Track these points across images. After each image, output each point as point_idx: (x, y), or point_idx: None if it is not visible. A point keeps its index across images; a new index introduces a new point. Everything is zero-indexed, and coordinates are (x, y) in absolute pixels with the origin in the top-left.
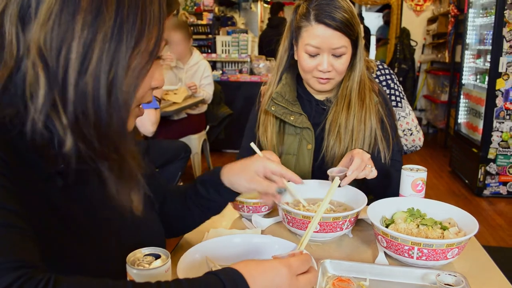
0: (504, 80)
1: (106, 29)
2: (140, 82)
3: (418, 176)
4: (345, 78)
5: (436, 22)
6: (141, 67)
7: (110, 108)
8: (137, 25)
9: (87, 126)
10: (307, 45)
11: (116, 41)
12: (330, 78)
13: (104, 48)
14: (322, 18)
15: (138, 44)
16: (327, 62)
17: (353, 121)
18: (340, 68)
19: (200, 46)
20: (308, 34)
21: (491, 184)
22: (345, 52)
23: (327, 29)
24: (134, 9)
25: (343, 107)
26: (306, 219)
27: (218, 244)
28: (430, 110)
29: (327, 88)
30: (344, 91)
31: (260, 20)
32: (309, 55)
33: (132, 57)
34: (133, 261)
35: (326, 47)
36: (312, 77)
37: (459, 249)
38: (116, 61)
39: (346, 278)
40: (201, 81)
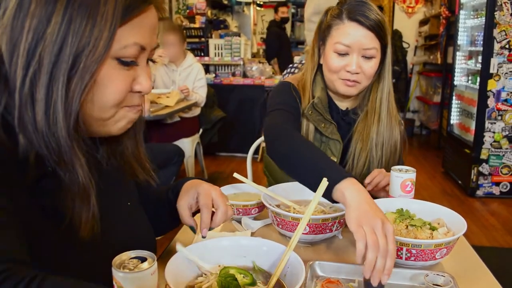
0: (495, 81)
1: (51, 31)
2: (85, 86)
3: (407, 177)
4: (373, 89)
5: (428, 24)
6: (86, 71)
7: (52, 114)
8: (84, 27)
9: (33, 131)
10: (336, 44)
11: (60, 43)
12: (357, 81)
13: (47, 51)
14: (355, 15)
15: (83, 47)
16: (356, 62)
17: (383, 135)
18: (369, 72)
19: (193, 49)
20: (338, 32)
21: (484, 185)
22: (375, 56)
23: (360, 27)
24: (84, 9)
25: (374, 120)
26: (295, 221)
27: (207, 246)
28: (423, 112)
29: (353, 92)
30: (373, 104)
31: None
32: (337, 54)
33: (77, 60)
34: (119, 264)
35: (357, 46)
36: (338, 79)
37: (447, 249)
38: (58, 65)
39: (335, 279)
40: (195, 84)
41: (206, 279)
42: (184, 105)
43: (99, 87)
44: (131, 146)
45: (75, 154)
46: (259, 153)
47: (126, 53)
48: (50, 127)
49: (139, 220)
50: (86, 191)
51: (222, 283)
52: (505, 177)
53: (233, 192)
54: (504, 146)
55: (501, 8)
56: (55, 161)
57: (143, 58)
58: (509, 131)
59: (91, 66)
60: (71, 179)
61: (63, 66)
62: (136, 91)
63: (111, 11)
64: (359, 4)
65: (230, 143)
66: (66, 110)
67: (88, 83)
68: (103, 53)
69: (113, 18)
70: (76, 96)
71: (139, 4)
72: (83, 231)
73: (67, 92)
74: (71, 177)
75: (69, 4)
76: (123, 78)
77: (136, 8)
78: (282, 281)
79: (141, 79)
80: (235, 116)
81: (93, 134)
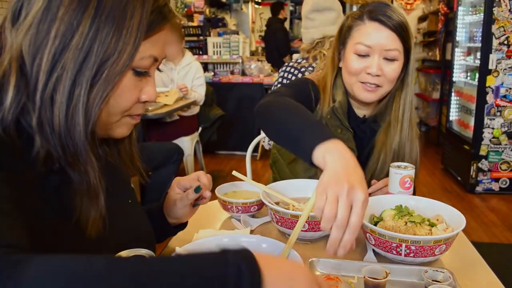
0: (494, 77)
1: (78, 39)
2: (107, 95)
3: (406, 173)
4: (396, 97)
5: (427, 21)
6: (109, 80)
7: (71, 118)
8: (110, 38)
9: (50, 133)
10: (357, 44)
11: (86, 52)
12: (379, 84)
13: (72, 58)
14: (376, 15)
15: (108, 57)
16: (377, 64)
17: (404, 147)
18: (390, 74)
19: (191, 47)
20: (360, 33)
21: (483, 181)
22: (398, 58)
23: (381, 27)
24: (111, 21)
25: (397, 131)
26: (294, 218)
27: (207, 244)
28: (422, 108)
29: (373, 99)
30: (396, 113)
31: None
32: (358, 56)
33: (101, 69)
34: None
35: (378, 47)
36: (358, 82)
37: (446, 245)
38: (82, 72)
39: (335, 276)
40: (193, 82)
41: None
42: (183, 104)
43: (115, 96)
44: (128, 145)
45: (89, 157)
46: (259, 151)
47: (141, 64)
48: (69, 130)
49: (140, 217)
50: (95, 191)
51: None
52: (504, 173)
53: (232, 190)
54: (503, 142)
55: (499, 4)
56: (69, 162)
57: (153, 69)
58: (508, 127)
59: (113, 76)
60: (81, 179)
61: (87, 73)
62: (142, 101)
63: (136, 26)
64: (381, 5)
65: (229, 141)
66: (86, 115)
67: (109, 92)
68: (126, 65)
69: (138, 32)
70: (97, 103)
71: (160, 22)
72: (91, 230)
73: (88, 98)
74: (82, 177)
75: (97, 15)
76: (135, 88)
77: (158, 24)
78: None
79: (149, 88)
80: (234, 114)
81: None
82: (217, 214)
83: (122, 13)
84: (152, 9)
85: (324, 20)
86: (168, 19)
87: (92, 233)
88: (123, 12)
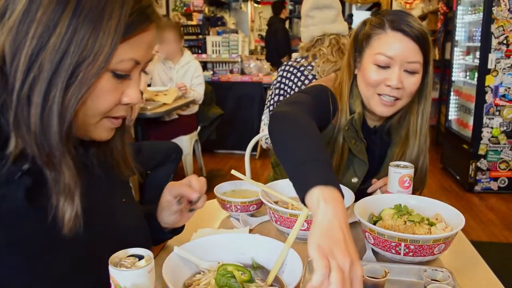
0: (493, 77)
1: (55, 39)
2: (82, 96)
3: (405, 172)
4: (412, 111)
5: (426, 20)
6: (84, 82)
7: (46, 118)
8: (86, 40)
9: (26, 132)
10: (378, 55)
11: (62, 53)
12: (398, 97)
13: (49, 58)
14: (399, 25)
15: (83, 58)
16: (398, 76)
17: (419, 159)
18: (411, 88)
19: (190, 46)
20: (380, 42)
21: (482, 180)
22: (419, 71)
23: (404, 38)
24: (89, 22)
25: (416, 145)
26: (293, 217)
27: (205, 243)
28: None
29: (389, 113)
30: (414, 127)
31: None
32: (377, 67)
33: (76, 70)
34: (116, 262)
35: (400, 59)
36: (375, 94)
37: (446, 245)
38: (58, 73)
39: None
40: (192, 81)
41: (204, 276)
42: (182, 103)
43: (91, 97)
44: (119, 144)
45: (64, 157)
46: (258, 150)
47: (121, 67)
48: (44, 131)
49: (134, 216)
50: (71, 191)
51: (220, 280)
52: (503, 172)
53: (231, 189)
54: (502, 141)
55: (498, 3)
56: (44, 161)
57: (136, 71)
58: (507, 127)
59: (89, 78)
60: (57, 178)
61: (62, 75)
62: (124, 103)
63: (113, 28)
64: (403, 14)
65: (228, 140)
66: (61, 116)
67: (84, 94)
68: (102, 67)
69: (115, 34)
70: (72, 104)
71: (141, 23)
72: (66, 228)
73: (63, 99)
74: (57, 176)
75: (75, 16)
76: (115, 90)
77: (138, 26)
78: (281, 278)
79: (130, 91)
80: (233, 113)
81: (78, 136)
82: (216, 213)
83: (100, 14)
84: (132, 11)
85: (324, 17)
86: (152, 20)
87: (67, 231)
88: (101, 13)
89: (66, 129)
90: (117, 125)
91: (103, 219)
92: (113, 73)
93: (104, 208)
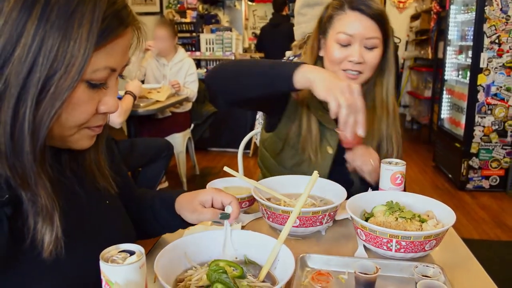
0: (485, 76)
1: (21, 51)
2: (55, 112)
3: (397, 169)
4: (377, 82)
5: (419, 19)
6: (56, 97)
7: (17, 138)
8: (56, 50)
9: None
10: (339, 34)
11: (30, 66)
12: (360, 71)
13: (15, 73)
14: (357, 5)
15: (54, 71)
16: (359, 53)
17: (391, 127)
18: (372, 62)
19: (184, 44)
20: (341, 22)
21: (473, 178)
22: (378, 46)
23: (362, 16)
24: (57, 31)
25: (384, 113)
26: (285, 214)
27: (197, 239)
28: (414, 106)
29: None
30: (380, 97)
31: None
32: (339, 45)
33: (47, 84)
34: (107, 258)
35: (359, 35)
36: (340, 70)
37: (437, 241)
38: (26, 88)
39: (326, 271)
40: (186, 79)
41: (196, 272)
42: (175, 100)
43: (66, 111)
44: (93, 152)
45: (40, 178)
46: (251, 148)
47: (96, 77)
48: (16, 151)
49: (118, 216)
50: (48, 212)
51: (212, 276)
52: (494, 171)
53: (223, 186)
54: (494, 140)
55: (491, 3)
56: (19, 184)
57: (113, 79)
58: (498, 125)
59: (62, 92)
60: (33, 199)
61: (31, 90)
62: (102, 112)
63: (85, 35)
64: None
65: (221, 138)
66: (33, 135)
67: (58, 109)
68: (76, 80)
69: (87, 43)
70: (45, 121)
71: (116, 28)
72: (46, 252)
73: (34, 117)
74: (34, 199)
75: (41, 24)
76: (91, 101)
77: (112, 32)
78: (273, 274)
79: (107, 99)
80: (227, 112)
81: (54, 146)
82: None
83: (69, 21)
84: (104, 15)
85: (315, 15)
86: (127, 24)
87: (47, 255)
88: (70, 19)
89: (40, 148)
90: (98, 132)
91: (86, 238)
92: (88, 83)
93: (87, 228)
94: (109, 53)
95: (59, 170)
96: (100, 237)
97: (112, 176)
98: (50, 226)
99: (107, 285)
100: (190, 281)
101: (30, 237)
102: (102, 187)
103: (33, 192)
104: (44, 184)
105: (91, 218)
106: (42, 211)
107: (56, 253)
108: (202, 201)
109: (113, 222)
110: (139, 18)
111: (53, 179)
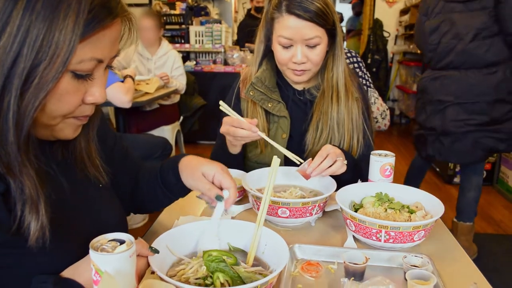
0: None
1: (6, 41)
2: (40, 103)
3: (387, 161)
4: (327, 68)
5: (408, 14)
6: (41, 87)
7: (1, 128)
8: (41, 41)
9: None
10: (279, 37)
11: (14, 56)
12: (306, 69)
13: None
14: (292, 9)
15: (39, 61)
16: (301, 53)
17: (343, 114)
18: (315, 59)
19: (173, 36)
20: (280, 25)
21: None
22: (320, 43)
23: (298, 20)
24: (42, 21)
25: (333, 99)
26: (275, 204)
27: (185, 231)
28: (402, 100)
29: (304, 79)
30: (329, 82)
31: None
32: (282, 47)
33: (31, 75)
34: (97, 247)
35: (299, 38)
36: (288, 69)
37: (425, 232)
38: (11, 78)
39: (315, 262)
40: (172, 72)
41: (189, 265)
42: (164, 92)
43: (51, 101)
44: (84, 141)
45: (24, 167)
46: None
47: (81, 67)
48: (0, 140)
49: (110, 206)
50: (34, 201)
51: (210, 266)
52: None
53: None
54: None
55: None
56: (5, 172)
57: (100, 69)
58: None
59: (46, 83)
60: (19, 189)
61: (15, 80)
62: (89, 103)
63: (71, 26)
64: None
65: (211, 131)
66: (17, 125)
67: (42, 99)
68: (60, 71)
69: (72, 33)
70: (29, 111)
71: (103, 18)
72: (32, 240)
73: (19, 107)
74: (19, 187)
75: (26, 13)
76: (76, 91)
77: (99, 22)
78: (261, 259)
79: (94, 90)
80: (216, 104)
81: (40, 137)
82: (198, 200)
83: (54, 12)
84: (91, 6)
85: None
86: (116, 15)
87: (32, 243)
88: (55, 10)
89: (25, 138)
90: (84, 122)
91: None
92: (73, 74)
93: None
94: (95, 45)
95: (45, 160)
96: (88, 227)
97: (103, 166)
98: (35, 215)
99: (96, 273)
100: (183, 275)
101: (16, 224)
102: (92, 176)
103: (18, 180)
104: (29, 173)
105: (79, 207)
106: (28, 200)
107: (42, 242)
108: (205, 172)
109: (104, 210)
110: (129, 10)
111: (39, 169)
